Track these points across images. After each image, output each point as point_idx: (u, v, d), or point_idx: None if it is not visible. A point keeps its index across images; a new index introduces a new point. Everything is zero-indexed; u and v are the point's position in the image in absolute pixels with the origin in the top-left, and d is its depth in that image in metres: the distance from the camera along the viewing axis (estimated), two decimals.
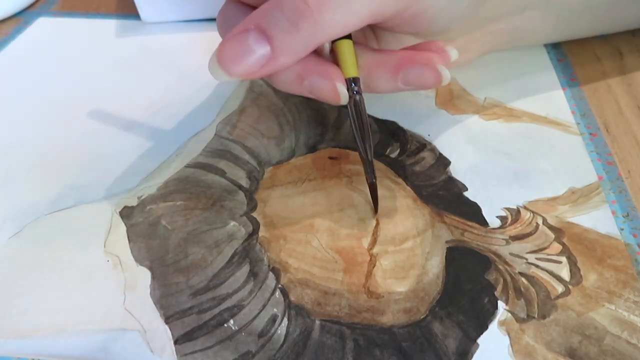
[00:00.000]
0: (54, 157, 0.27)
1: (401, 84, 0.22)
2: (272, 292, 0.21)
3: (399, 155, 0.27)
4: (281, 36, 0.19)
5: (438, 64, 0.21)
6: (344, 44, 0.22)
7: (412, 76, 0.22)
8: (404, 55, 0.22)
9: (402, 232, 0.23)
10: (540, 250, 0.22)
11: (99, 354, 0.19)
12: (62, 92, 0.31)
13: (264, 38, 0.19)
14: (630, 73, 0.31)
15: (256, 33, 0.20)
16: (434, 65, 0.21)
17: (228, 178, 0.25)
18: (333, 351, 0.19)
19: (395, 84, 0.22)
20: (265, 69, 0.20)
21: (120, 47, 0.35)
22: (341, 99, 0.21)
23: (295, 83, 0.22)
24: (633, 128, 0.28)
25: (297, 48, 0.20)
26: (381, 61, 0.22)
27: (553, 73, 0.32)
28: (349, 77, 0.22)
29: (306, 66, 0.21)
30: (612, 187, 0.25)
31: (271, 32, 0.19)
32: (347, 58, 0.22)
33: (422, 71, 0.21)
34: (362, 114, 0.22)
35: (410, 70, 0.21)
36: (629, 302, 0.20)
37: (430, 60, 0.22)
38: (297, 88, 0.22)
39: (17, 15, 0.39)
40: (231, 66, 0.20)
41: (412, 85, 0.22)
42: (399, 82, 0.22)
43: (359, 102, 0.22)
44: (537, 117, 0.29)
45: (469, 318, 0.20)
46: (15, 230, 0.23)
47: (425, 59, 0.22)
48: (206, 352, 0.19)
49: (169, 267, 0.22)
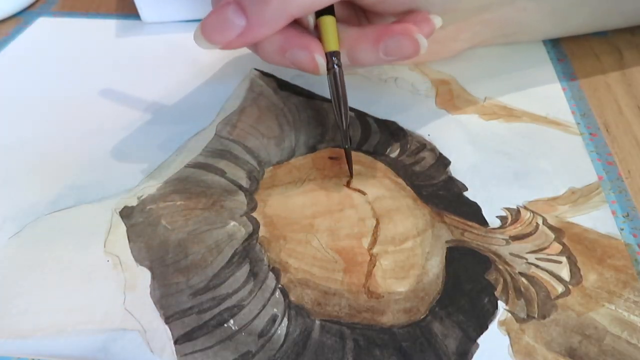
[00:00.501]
0: (54, 157, 0.27)
1: (382, 55, 0.23)
2: (272, 292, 0.21)
3: (399, 155, 0.27)
4: (254, 8, 0.22)
5: (415, 33, 0.23)
6: (326, 20, 0.24)
7: (392, 46, 0.23)
8: (383, 26, 0.23)
9: (402, 232, 0.23)
10: (540, 250, 0.22)
11: (99, 354, 0.19)
12: (62, 92, 0.31)
13: (240, 10, 0.22)
14: (630, 73, 0.31)
15: (234, 6, 0.22)
16: (412, 34, 0.23)
17: (228, 178, 0.25)
18: (333, 351, 0.19)
19: (377, 55, 0.23)
20: (242, 39, 0.22)
21: (120, 47, 0.35)
22: (319, 69, 0.23)
23: (278, 54, 0.23)
24: (633, 128, 0.28)
25: (269, 19, 0.22)
26: (363, 34, 0.24)
27: (553, 73, 0.32)
28: (330, 50, 0.23)
29: (288, 38, 0.23)
30: (612, 187, 0.25)
31: (246, 5, 0.22)
32: (329, 32, 0.23)
33: (400, 40, 0.23)
34: (340, 85, 0.23)
35: (390, 40, 0.23)
36: (629, 302, 0.20)
37: (408, 29, 0.23)
38: (280, 59, 0.24)
39: (17, 15, 0.39)
40: (212, 35, 0.22)
41: (392, 55, 0.23)
42: (380, 53, 0.23)
43: (337, 74, 0.23)
44: (537, 117, 0.29)
45: (469, 318, 0.20)
46: (15, 230, 0.23)
47: (403, 29, 0.23)
48: (206, 352, 0.19)
49: (169, 267, 0.22)
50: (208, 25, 0.22)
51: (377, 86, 0.31)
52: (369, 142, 0.27)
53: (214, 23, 0.22)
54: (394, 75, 0.32)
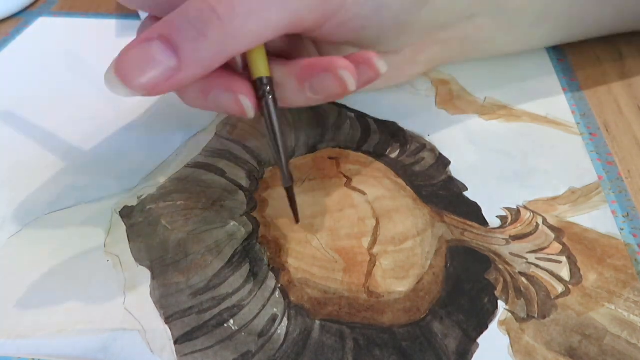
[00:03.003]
0: (54, 157, 0.27)
1: (309, 94, 0.20)
2: (272, 292, 0.21)
3: (399, 156, 0.27)
4: (188, 45, 0.18)
5: (340, 70, 0.19)
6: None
7: (317, 85, 0.20)
8: (307, 63, 0.20)
9: (402, 232, 0.23)
10: (540, 250, 0.22)
11: (99, 354, 0.19)
12: (62, 92, 0.31)
13: (169, 48, 0.18)
14: (630, 73, 0.31)
15: (160, 42, 0.18)
16: (336, 71, 0.19)
17: (228, 178, 0.25)
18: (333, 351, 0.19)
19: (304, 94, 0.20)
20: (171, 82, 0.18)
21: (120, 47, 0.35)
22: (247, 112, 0.20)
23: (200, 98, 0.20)
24: (633, 128, 0.28)
25: (206, 59, 0.18)
26: (288, 71, 0.21)
27: (553, 73, 0.32)
28: (259, 76, 0.20)
29: (209, 79, 0.20)
30: (612, 187, 0.25)
31: (177, 41, 0.18)
32: (256, 57, 0.20)
33: (324, 78, 0.20)
34: (272, 115, 0.20)
35: (314, 78, 0.20)
36: (629, 302, 0.20)
37: (331, 65, 0.19)
38: (203, 103, 0.21)
39: (17, 15, 0.39)
40: (132, 78, 0.18)
41: (320, 94, 0.20)
42: (307, 91, 0.20)
43: (270, 104, 0.20)
44: (537, 117, 0.29)
45: (469, 318, 0.20)
46: (15, 230, 0.23)
47: (328, 65, 0.20)
48: (206, 352, 0.19)
49: (169, 267, 0.22)
50: (126, 65, 0.18)
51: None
52: (369, 142, 0.27)
53: (134, 62, 0.18)
54: None
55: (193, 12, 0.18)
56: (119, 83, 0.18)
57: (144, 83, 0.18)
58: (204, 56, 0.18)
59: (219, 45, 0.18)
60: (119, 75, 0.18)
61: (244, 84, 0.20)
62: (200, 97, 0.20)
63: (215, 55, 0.18)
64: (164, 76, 0.18)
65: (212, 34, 0.18)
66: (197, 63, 0.18)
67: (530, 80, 0.31)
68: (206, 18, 0.18)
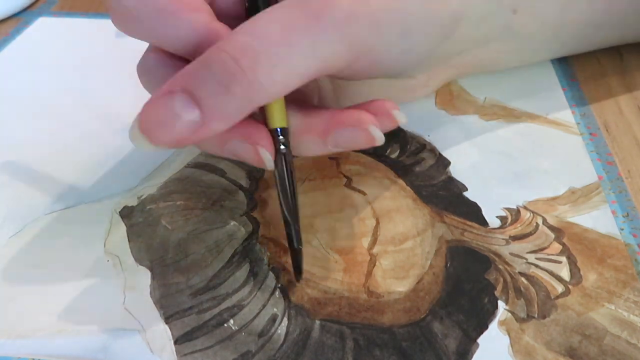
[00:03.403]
0: (54, 157, 0.27)
1: (331, 147, 0.20)
2: (272, 292, 0.21)
3: (399, 156, 0.27)
4: (212, 101, 0.17)
5: (369, 125, 0.19)
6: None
7: (342, 139, 0.19)
8: (332, 117, 0.20)
9: (402, 232, 0.23)
10: (540, 250, 0.22)
11: (99, 354, 0.19)
12: (62, 92, 0.31)
13: (192, 102, 0.17)
14: (630, 73, 0.31)
15: (183, 96, 0.17)
16: (365, 126, 0.19)
17: (228, 178, 0.25)
18: (333, 351, 0.19)
19: (325, 147, 0.20)
20: (195, 136, 0.18)
21: (120, 47, 0.35)
22: (266, 164, 0.19)
23: (217, 146, 0.20)
24: (633, 128, 0.28)
25: (230, 113, 0.18)
26: (309, 125, 0.20)
27: (553, 73, 0.32)
28: (275, 127, 0.19)
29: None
30: (612, 187, 0.25)
31: (200, 96, 0.17)
32: (274, 106, 0.19)
33: (352, 133, 0.19)
34: (289, 169, 0.20)
35: (340, 133, 0.19)
36: (629, 302, 0.20)
37: (361, 121, 0.19)
38: (220, 151, 0.20)
39: (17, 15, 0.39)
40: (156, 134, 0.17)
41: (343, 147, 0.20)
42: (328, 145, 0.20)
43: (286, 157, 0.20)
44: (537, 117, 0.29)
45: (469, 318, 0.20)
46: (15, 230, 0.23)
47: (356, 120, 0.19)
48: (206, 352, 0.19)
49: (169, 267, 0.22)
50: (150, 121, 0.17)
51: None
52: None
53: (157, 118, 0.17)
54: None
55: (216, 65, 0.17)
56: (143, 139, 0.18)
57: (168, 139, 0.18)
58: (228, 110, 0.17)
59: (244, 100, 0.17)
60: (144, 132, 0.18)
61: (263, 133, 0.19)
62: (216, 145, 0.20)
63: (240, 109, 0.18)
64: (188, 131, 0.17)
65: (237, 89, 0.17)
66: (221, 117, 0.18)
67: (530, 80, 0.31)
68: (230, 71, 0.17)
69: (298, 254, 0.20)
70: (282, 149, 0.19)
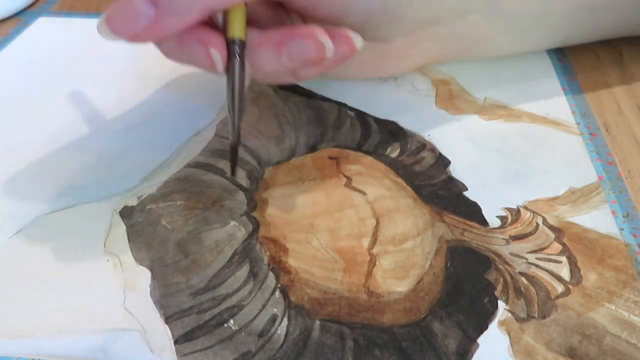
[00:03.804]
0: (54, 157, 0.27)
1: (286, 60, 0.21)
2: (272, 292, 0.21)
3: (399, 155, 0.27)
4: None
5: (320, 36, 0.20)
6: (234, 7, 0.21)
7: (295, 50, 0.21)
8: (287, 31, 0.21)
9: (402, 232, 0.23)
10: (540, 250, 0.22)
11: (99, 354, 0.19)
12: (62, 92, 0.31)
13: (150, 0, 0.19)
14: (630, 73, 0.31)
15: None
16: (316, 36, 0.20)
17: (228, 178, 0.25)
18: (333, 351, 0.19)
19: (280, 60, 0.21)
20: (150, 31, 0.20)
21: (120, 47, 0.35)
22: (216, 66, 0.21)
23: (176, 49, 0.21)
24: (633, 128, 0.28)
25: (181, 11, 0.20)
26: (265, 38, 0.21)
27: (553, 73, 0.32)
28: (232, 37, 0.21)
29: (186, 32, 0.21)
30: (612, 187, 0.25)
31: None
32: (234, 18, 0.21)
33: (303, 44, 0.21)
34: (236, 76, 0.21)
35: (293, 43, 0.21)
36: (629, 302, 0.20)
37: (311, 32, 0.21)
38: (178, 54, 0.22)
39: (17, 15, 0.39)
40: (117, 26, 0.20)
41: (296, 60, 0.21)
42: (283, 57, 0.21)
43: (236, 65, 0.21)
44: (537, 117, 0.29)
45: (469, 318, 0.20)
46: (15, 230, 0.23)
47: (307, 32, 0.21)
48: (206, 352, 0.19)
49: (169, 267, 0.22)
50: (113, 16, 0.20)
51: (377, 86, 0.31)
52: (369, 142, 0.27)
53: (120, 13, 0.20)
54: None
55: None
56: (107, 30, 0.20)
57: (126, 29, 0.20)
58: (179, 8, 0.20)
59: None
60: (107, 23, 0.20)
61: (219, 40, 0.21)
62: (176, 48, 0.21)
63: (190, 7, 0.20)
64: (143, 24, 0.20)
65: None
66: (172, 14, 0.20)
67: (530, 80, 0.31)
68: None
69: (234, 150, 0.23)
70: (235, 58, 0.21)
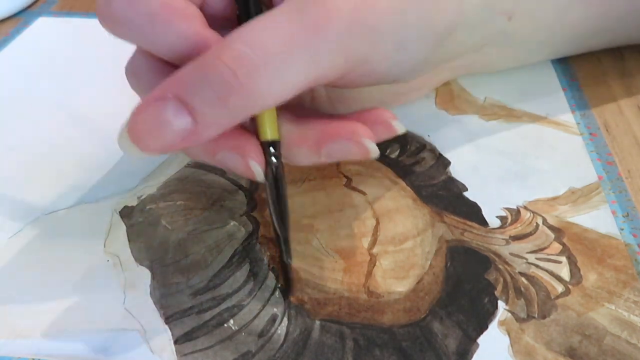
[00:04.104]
0: (54, 157, 0.27)
1: (324, 158, 0.19)
2: (272, 292, 0.21)
3: (399, 156, 0.27)
4: (205, 109, 0.17)
5: (363, 138, 0.19)
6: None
7: (336, 151, 0.19)
8: (326, 129, 0.19)
9: (402, 232, 0.23)
10: (540, 250, 0.22)
11: (99, 354, 0.19)
12: (62, 92, 0.31)
13: (184, 110, 0.17)
14: (631, 73, 0.31)
15: (175, 102, 0.16)
16: (359, 139, 0.19)
17: (228, 178, 0.25)
18: (333, 351, 0.19)
19: (317, 158, 0.19)
20: (184, 143, 0.17)
21: (121, 47, 0.35)
22: (256, 177, 0.19)
23: (206, 155, 0.19)
24: (633, 128, 0.28)
25: (222, 121, 0.17)
26: (302, 136, 0.19)
27: (553, 73, 0.32)
28: (266, 139, 0.19)
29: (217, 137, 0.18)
30: (612, 187, 0.25)
31: (194, 104, 0.16)
32: (265, 118, 0.19)
33: (346, 145, 0.19)
34: (281, 184, 0.19)
35: (334, 145, 0.19)
36: (629, 302, 0.20)
37: (355, 133, 0.19)
38: (209, 160, 0.19)
39: (17, 15, 0.39)
40: (146, 141, 0.17)
41: (336, 159, 0.19)
42: (322, 156, 0.19)
43: (277, 171, 0.19)
44: (537, 117, 0.29)
45: (469, 318, 0.20)
46: (15, 230, 0.23)
47: (350, 132, 0.19)
48: (206, 352, 0.19)
49: (169, 267, 0.22)
50: (140, 128, 0.17)
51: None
52: None
53: (148, 125, 0.17)
54: None
55: (212, 73, 0.16)
56: (132, 146, 0.17)
57: (158, 146, 0.17)
58: (221, 120, 0.17)
59: (237, 109, 0.17)
60: (133, 140, 0.17)
61: (253, 145, 0.19)
62: (206, 154, 0.19)
63: (233, 118, 0.17)
64: (178, 138, 0.17)
65: (231, 99, 0.16)
66: (213, 126, 0.17)
67: (530, 80, 0.31)
68: (226, 81, 0.16)
69: (287, 268, 0.21)
70: (274, 162, 0.19)
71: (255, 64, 0.16)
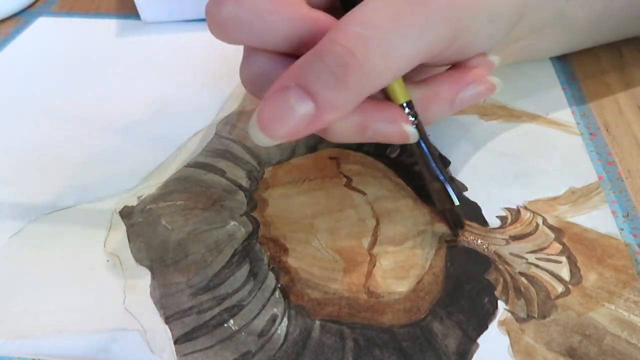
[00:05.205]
0: (54, 157, 0.27)
1: (457, 106, 0.22)
2: (272, 292, 0.21)
3: (399, 155, 0.27)
4: (326, 92, 0.17)
5: (487, 77, 0.22)
6: None
7: (468, 96, 0.21)
8: (453, 80, 0.21)
9: (402, 232, 0.23)
10: (540, 250, 0.22)
11: (99, 354, 0.19)
12: (62, 92, 0.31)
13: (306, 95, 0.18)
14: (630, 72, 0.31)
15: (297, 90, 0.18)
16: (486, 79, 0.22)
17: (228, 178, 0.25)
18: (333, 351, 0.19)
19: (451, 110, 0.22)
20: (311, 127, 0.18)
21: (120, 47, 0.35)
22: (410, 138, 0.21)
23: (356, 132, 0.20)
24: (633, 128, 0.28)
25: (345, 103, 0.18)
26: (434, 94, 0.21)
27: (553, 73, 0.32)
28: (401, 103, 0.20)
29: (366, 113, 0.20)
30: (612, 187, 0.25)
31: (314, 89, 0.17)
32: (395, 84, 0.20)
33: (476, 88, 0.21)
34: (426, 136, 0.21)
35: (465, 91, 0.21)
36: (629, 302, 0.20)
37: (479, 75, 0.22)
38: (359, 137, 0.20)
39: (17, 15, 0.39)
40: (273, 128, 0.18)
41: (467, 104, 0.22)
42: (454, 107, 0.21)
43: (419, 125, 0.21)
44: (537, 117, 0.29)
45: (469, 318, 0.20)
46: (15, 230, 0.23)
47: (476, 76, 0.22)
48: (206, 352, 0.19)
49: (169, 267, 0.22)
50: (267, 117, 0.18)
51: None
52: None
53: (274, 113, 0.18)
54: None
55: (330, 57, 0.17)
56: (262, 135, 0.18)
57: (285, 131, 0.18)
58: (342, 101, 0.18)
59: (357, 89, 0.18)
60: (262, 128, 0.18)
61: (398, 111, 0.20)
62: (356, 132, 0.20)
63: (354, 98, 0.18)
64: (304, 122, 0.18)
65: (352, 79, 0.17)
66: (336, 108, 0.18)
67: (530, 80, 0.31)
68: (344, 63, 0.17)
69: (460, 210, 0.22)
70: (414, 120, 0.21)
71: (369, 42, 0.17)
